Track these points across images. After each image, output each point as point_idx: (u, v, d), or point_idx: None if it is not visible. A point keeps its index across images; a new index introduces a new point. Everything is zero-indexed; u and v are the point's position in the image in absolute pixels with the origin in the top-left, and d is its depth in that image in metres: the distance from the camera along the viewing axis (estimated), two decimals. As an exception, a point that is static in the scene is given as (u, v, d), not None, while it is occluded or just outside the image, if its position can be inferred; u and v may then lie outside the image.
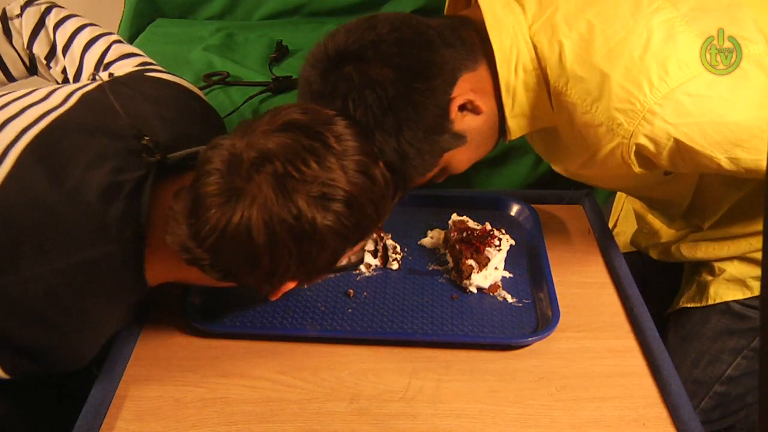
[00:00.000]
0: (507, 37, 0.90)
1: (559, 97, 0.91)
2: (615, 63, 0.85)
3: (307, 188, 0.75)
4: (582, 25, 0.88)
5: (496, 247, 1.03)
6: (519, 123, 0.95)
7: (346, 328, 0.94)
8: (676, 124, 0.84)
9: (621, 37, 0.86)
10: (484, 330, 0.94)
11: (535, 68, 0.91)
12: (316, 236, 0.77)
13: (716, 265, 1.11)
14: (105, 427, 0.81)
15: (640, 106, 0.84)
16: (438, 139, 0.90)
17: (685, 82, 0.83)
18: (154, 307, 0.98)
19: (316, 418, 0.82)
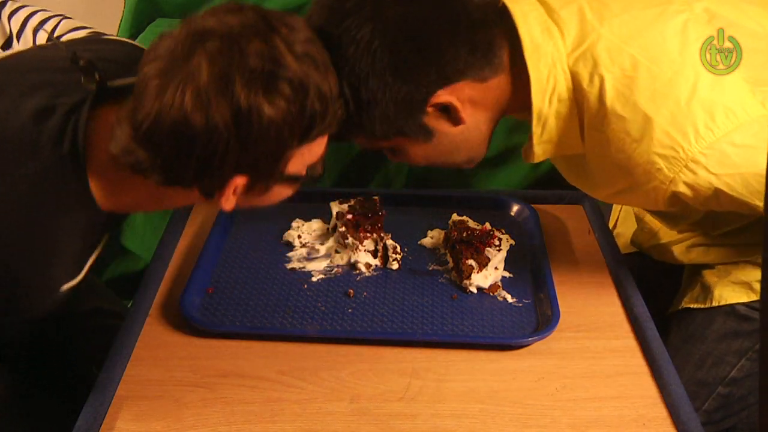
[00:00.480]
0: (545, 66, 0.86)
1: (593, 132, 0.87)
2: (660, 106, 0.82)
3: (247, 65, 0.71)
4: (626, 59, 0.83)
5: (496, 247, 1.03)
6: (545, 148, 0.92)
7: (346, 328, 0.94)
8: (719, 175, 0.82)
9: (667, 78, 0.82)
10: (484, 330, 0.94)
11: (570, 98, 0.87)
12: (253, 116, 0.71)
13: (721, 267, 1.10)
14: (105, 427, 0.81)
15: (683, 154, 0.82)
16: (402, 117, 0.85)
17: (731, 132, 0.81)
18: (154, 307, 0.98)
19: (316, 418, 0.82)
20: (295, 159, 0.79)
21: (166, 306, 0.99)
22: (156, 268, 1.05)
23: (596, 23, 0.85)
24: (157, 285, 1.02)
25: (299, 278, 1.04)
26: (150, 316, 0.97)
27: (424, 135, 0.87)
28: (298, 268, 1.06)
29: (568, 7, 0.87)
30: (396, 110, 0.83)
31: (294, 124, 0.75)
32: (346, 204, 1.10)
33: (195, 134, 0.71)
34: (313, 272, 1.05)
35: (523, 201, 1.19)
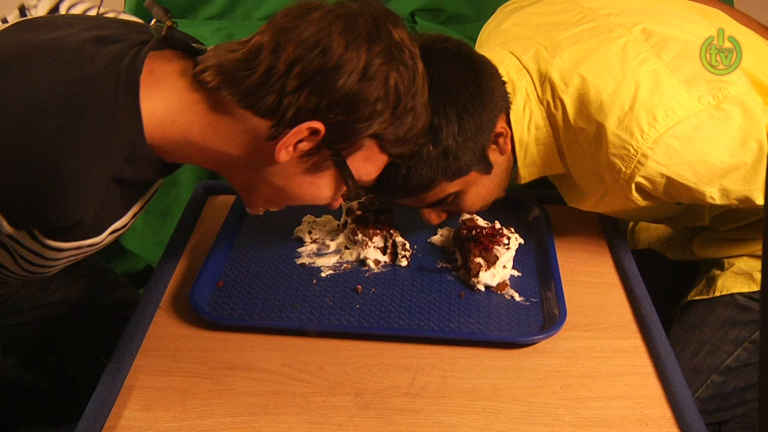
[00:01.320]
0: (521, 98, 0.99)
1: (571, 148, 0.99)
2: (608, 113, 0.92)
3: (394, 38, 0.78)
4: (576, 80, 0.96)
5: (504, 245, 1.03)
6: (530, 171, 1.04)
7: (353, 323, 0.95)
8: (668, 165, 0.91)
9: (611, 89, 0.93)
10: (491, 328, 0.94)
11: (546, 125, 1.00)
12: (378, 76, 0.77)
13: (726, 260, 1.12)
14: (113, 416, 0.82)
15: (633, 151, 0.91)
16: (479, 147, 0.95)
17: (672, 127, 0.90)
18: (164, 299, 1.00)
19: (320, 412, 0.83)
20: (363, 153, 0.83)
21: (176, 298, 1.00)
22: (168, 260, 1.07)
23: (549, 58, 0.99)
24: (168, 277, 1.04)
25: (309, 273, 1.04)
26: (160, 308, 0.98)
27: (488, 166, 0.99)
28: (307, 264, 1.07)
29: (528, 53, 1.01)
30: (477, 138, 0.95)
31: (395, 107, 0.80)
32: (356, 200, 1.10)
33: (324, 52, 0.75)
34: (322, 268, 1.06)
35: (534, 200, 1.19)
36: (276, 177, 0.83)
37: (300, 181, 0.83)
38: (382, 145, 0.83)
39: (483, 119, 0.94)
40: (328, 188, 0.85)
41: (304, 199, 0.86)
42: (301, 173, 0.83)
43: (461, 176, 0.97)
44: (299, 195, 0.85)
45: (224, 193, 1.26)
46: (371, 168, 0.86)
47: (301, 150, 0.79)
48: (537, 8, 1.11)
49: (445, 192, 0.98)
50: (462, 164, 0.95)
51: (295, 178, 0.83)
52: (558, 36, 1.01)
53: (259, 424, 0.82)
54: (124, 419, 0.82)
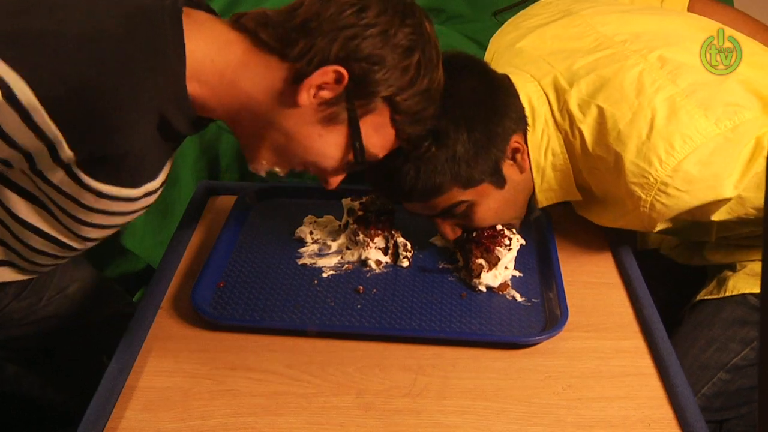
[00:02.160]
0: (540, 124, 1.01)
1: (593, 172, 1.01)
2: (626, 143, 0.94)
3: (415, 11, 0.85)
4: (594, 110, 0.97)
5: (506, 246, 1.03)
6: (547, 195, 1.07)
7: (354, 323, 0.95)
8: (688, 190, 0.93)
9: (628, 119, 0.94)
10: (492, 329, 0.94)
11: (563, 152, 1.02)
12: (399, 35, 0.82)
13: (738, 263, 1.12)
14: (114, 416, 0.82)
15: (653, 179, 0.93)
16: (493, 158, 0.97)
17: (690, 154, 0.91)
18: (166, 299, 1.00)
19: (322, 412, 0.83)
20: (375, 118, 0.86)
21: (177, 299, 1.00)
22: (169, 261, 1.07)
23: (567, 87, 1.00)
24: (170, 278, 1.04)
25: (310, 274, 1.04)
26: (161, 308, 0.98)
27: (502, 180, 1.00)
28: (309, 264, 1.07)
29: (546, 78, 1.03)
30: (490, 149, 0.97)
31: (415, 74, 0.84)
32: (358, 201, 1.10)
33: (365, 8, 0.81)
34: (323, 268, 1.06)
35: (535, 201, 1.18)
36: (290, 122, 0.85)
37: (311, 132, 0.86)
38: (394, 117, 0.87)
39: (495, 132, 0.97)
40: (335, 147, 0.88)
41: (310, 153, 0.88)
42: (314, 123, 0.85)
43: (474, 185, 0.98)
44: (307, 147, 0.87)
45: (225, 193, 1.26)
46: (379, 140, 0.89)
47: (321, 97, 0.83)
48: (552, 30, 1.11)
49: (456, 199, 0.99)
50: (475, 173, 0.97)
51: (307, 127, 0.86)
52: (574, 64, 1.02)
53: (261, 424, 0.82)
54: (125, 420, 0.82)
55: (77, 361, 1.23)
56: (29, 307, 1.08)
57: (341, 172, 0.92)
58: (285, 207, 1.21)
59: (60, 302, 1.13)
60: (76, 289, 1.15)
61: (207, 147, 1.61)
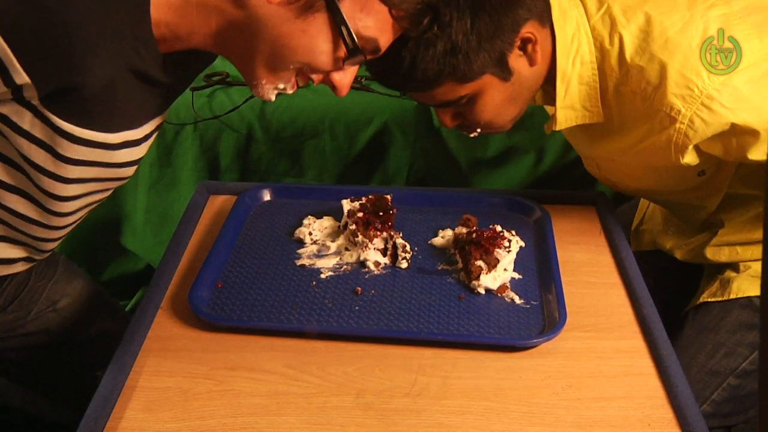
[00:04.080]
0: (570, 28, 0.95)
1: (620, 88, 0.95)
2: (673, 52, 0.89)
3: None
4: (640, 17, 0.92)
5: (505, 248, 1.03)
6: (567, 115, 1.00)
7: (353, 325, 0.95)
8: (734, 108, 0.88)
9: (678, 28, 0.90)
10: (491, 331, 0.94)
11: (592, 61, 0.96)
12: None
13: (741, 264, 1.11)
14: (114, 416, 0.82)
15: (698, 91, 0.88)
16: (498, 48, 0.92)
17: (741, 70, 0.88)
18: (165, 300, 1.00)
19: (321, 412, 0.83)
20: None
21: (177, 299, 1.00)
22: (168, 261, 1.06)
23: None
24: (169, 278, 1.04)
25: (308, 275, 1.04)
26: (161, 308, 0.98)
27: (507, 72, 0.95)
28: (307, 265, 1.06)
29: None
30: (494, 39, 0.91)
31: None
32: (357, 202, 1.10)
33: None
34: (322, 269, 1.06)
35: (535, 201, 1.19)
36: (267, 26, 0.79)
37: (292, 29, 0.79)
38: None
39: (504, 21, 0.91)
40: (322, 39, 0.80)
41: (300, 53, 0.81)
42: (292, 18, 0.79)
43: (472, 80, 0.93)
44: (294, 47, 0.80)
45: (225, 193, 1.26)
46: (370, 21, 0.81)
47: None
48: None
49: (455, 93, 0.95)
50: (474, 67, 0.92)
51: (287, 24, 0.79)
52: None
53: (261, 424, 0.81)
54: (125, 420, 0.82)
55: (67, 377, 1.20)
56: (15, 320, 1.06)
57: (342, 66, 0.84)
58: (284, 207, 1.21)
59: (49, 317, 1.10)
60: (67, 304, 1.13)
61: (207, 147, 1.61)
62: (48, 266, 1.11)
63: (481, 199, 1.22)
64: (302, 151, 1.65)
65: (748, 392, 1.07)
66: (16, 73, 0.68)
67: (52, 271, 1.12)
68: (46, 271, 1.11)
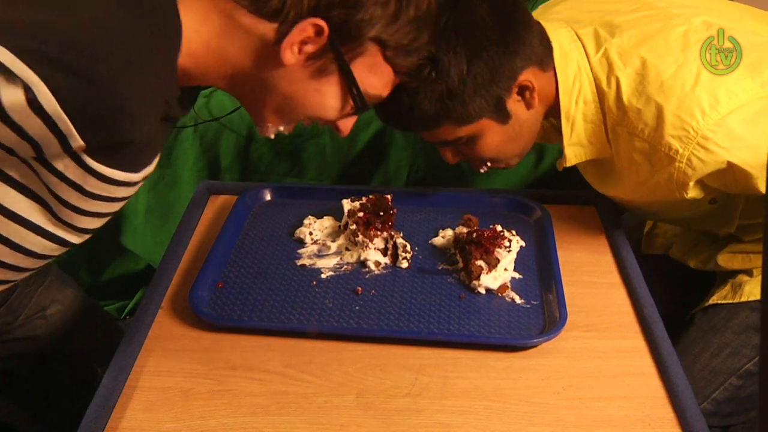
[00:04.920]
0: (572, 69, 0.99)
1: (617, 129, 0.98)
2: (669, 94, 0.92)
3: None
4: (636, 60, 0.95)
5: (506, 248, 1.03)
6: (575, 151, 1.03)
7: (353, 325, 0.95)
8: (729, 148, 0.90)
9: (672, 71, 0.93)
10: (491, 330, 0.94)
11: (595, 101, 0.99)
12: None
13: (755, 269, 1.12)
14: (115, 416, 0.82)
15: (693, 132, 0.91)
16: (494, 93, 0.95)
17: (735, 110, 0.90)
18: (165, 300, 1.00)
19: (322, 412, 0.83)
20: (366, 60, 0.83)
21: (177, 299, 1.00)
22: (169, 261, 1.06)
23: (608, 36, 0.98)
24: (170, 278, 1.04)
25: (309, 275, 1.04)
26: (162, 308, 0.98)
27: (505, 116, 0.98)
28: (308, 265, 1.06)
29: (585, 29, 1.01)
30: (491, 86, 0.94)
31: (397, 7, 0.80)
32: (357, 202, 1.10)
33: None
34: (322, 269, 1.06)
35: (536, 201, 1.19)
36: (283, 83, 0.83)
37: (306, 88, 0.84)
38: (386, 54, 0.84)
39: (501, 69, 0.94)
40: (333, 97, 0.85)
41: (311, 108, 0.86)
42: (306, 79, 0.83)
43: (470, 122, 0.97)
44: (306, 104, 0.85)
45: (225, 193, 1.26)
46: (376, 80, 0.86)
47: (306, 53, 0.80)
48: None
49: (453, 135, 0.98)
50: (471, 111, 0.95)
51: (301, 84, 0.83)
52: (615, 20, 1.00)
53: (261, 424, 0.81)
54: (125, 420, 0.82)
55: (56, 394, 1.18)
56: (2, 326, 1.05)
57: (349, 117, 0.90)
58: (285, 207, 1.21)
59: (37, 323, 1.09)
60: (56, 311, 1.12)
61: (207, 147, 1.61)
62: (39, 274, 1.10)
63: (481, 199, 1.22)
64: (302, 151, 1.65)
65: (750, 393, 1.07)
66: (73, 139, 0.72)
67: (42, 278, 1.11)
68: (37, 277, 1.10)
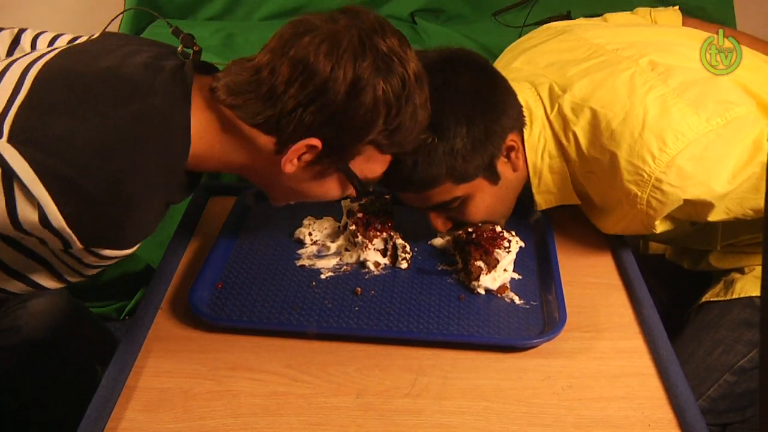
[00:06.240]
0: (537, 126, 1.03)
1: (588, 176, 1.03)
2: (619, 142, 0.96)
3: (380, 50, 0.83)
4: (587, 112, 0.99)
5: (505, 248, 1.03)
6: (545, 198, 1.08)
7: (352, 325, 0.95)
8: (682, 186, 0.93)
9: (621, 118, 0.96)
10: (490, 331, 0.94)
11: (558, 155, 1.04)
12: (367, 90, 0.82)
13: (746, 267, 1.13)
14: (114, 416, 0.82)
15: (647, 176, 0.94)
16: (488, 156, 0.98)
17: (683, 150, 0.92)
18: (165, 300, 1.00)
19: (322, 413, 0.83)
20: (363, 156, 0.89)
21: (177, 299, 1.00)
22: (168, 261, 1.07)
23: (560, 92, 1.03)
24: (169, 278, 1.04)
25: (308, 275, 1.04)
26: (161, 308, 0.98)
27: (496, 176, 1.02)
28: (307, 266, 1.07)
29: (542, 86, 1.05)
30: (486, 144, 0.98)
31: (386, 115, 0.84)
32: (357, 202, 1.10)
33: (313, 75, 0.81)
34: (322, 270, 1.06)
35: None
36: (289, 182, 0.91)
37: (309, 185, 0.92)
38: (381, 149, 0.89)
39: (493, 128, 0.98)
40: (336, 189, 0.93)
41: (316, 197, 0.94)
42: (309, 179, 0.91)
43: (468, 181, 0.99)
44: (311, 195, 0.94)
45: (225, 194, 1.26)
46: (375, 167, 0.92)
47: (305, 161, 0.87)
48: (547, 46, 1.15)
49: (450, 194, 1.00)
50: (470, 168, 0.98)
51: (305, 183, 0.91)
52: (568, 72, 1.05)
53: (261, 425, 0.82)
54: (125, 420, 0.82)
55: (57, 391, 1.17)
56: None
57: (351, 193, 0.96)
58: (284, 208, 1.20)
59: (18, 313, 1.10)
60: (38, 303, 1.12)
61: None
62: None
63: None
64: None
65: (745, 390, 1.07)
66: (75, 245, 0.78)
67: None
68: None
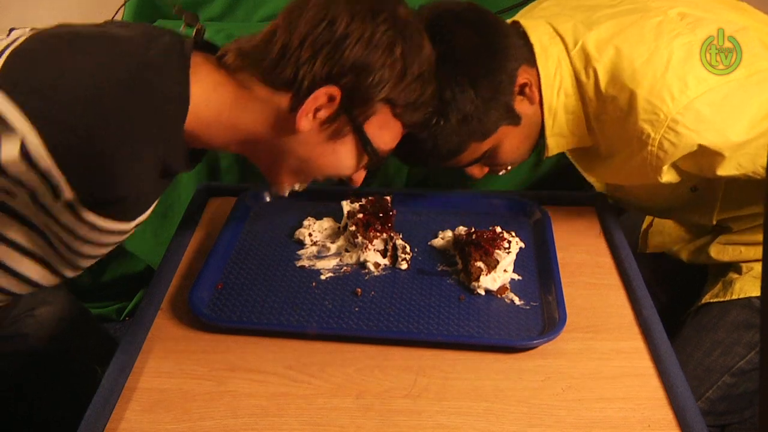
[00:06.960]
0: (552, 64, 1.02)
1: (600, 117, 1.02)
2: (640, 81, 0.95)
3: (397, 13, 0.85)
4: (611, 50, 0.99)
5: (505, 249, 1.03)
6: (557, 141, 1.07)
7: (352, 326, 0.95)
8: (697, 130, 0.93)
9: (645, 58, 0.96)
10: (490, 332, 0.94)
11: (575, 93, 1.02)
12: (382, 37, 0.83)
13: (744, 265, 1.13)
14: (114, 417, 0.82)
15: (663, 116, 0.93)
16: (503, 101, 1.00)
17: (703, 94, 0.92)
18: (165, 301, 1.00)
19: (321, 413, 0.83)
20: (378, 119, 0.88)
21: (177, 300, 1.00)
22: (168, 262, 1.07)
23: (585, 30, 1.02)
24: (170, 279, 1.04)
25: (308, 276, 1.04)
26: (161, 309, 0.98)
27: (517, 118, 1.02)
28: (307, 266, 1.07)
29: (565, 24, 1.04)
30: (498, 97, 0.99)
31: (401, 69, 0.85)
32: (357, 203, 1.10)
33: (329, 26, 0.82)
34: (322, 270, 1.06)
35: (535, 202, 1.19)
36: (300, 147, 0.89)
37: (322, 150, 0.90)
38: (395, 111, 0.89)
39: (499, 79, 0.99)
40: (349, 156, 0.91)
41: (327, 168, 0.92)
42: (322, 142, 0.89)
43: (491, 135, 1.02)
44: (322, 165, 0.91)
45: (225, 194, 1.26)
46: (387, 136, 0.92)
47: (321, 118, 0.86)
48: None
49: (479, 152, 1.03)
50: (489, 124, 1.00)
51: (318, 147, 0.89)
52: (594, 15, 1.04)
53: (260, 425, 0.82)
54: (125, 421, 0.82)
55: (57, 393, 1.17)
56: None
57: (362, 170, 0.96)
58: (284, 209, 1.21)
59: (26, 321, 1.10)
60: (45, 311, 1.12)
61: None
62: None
63: (480, 201, 1.22)
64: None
65: (744, 391, 1.07)
66: (64, 191, 0.75)
67: None
68: None
